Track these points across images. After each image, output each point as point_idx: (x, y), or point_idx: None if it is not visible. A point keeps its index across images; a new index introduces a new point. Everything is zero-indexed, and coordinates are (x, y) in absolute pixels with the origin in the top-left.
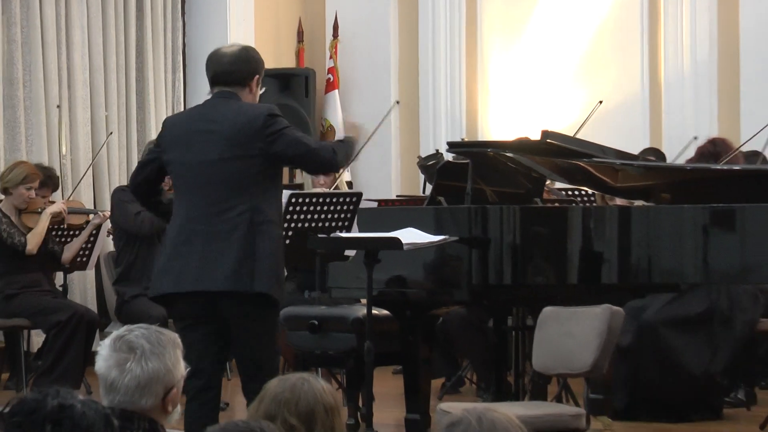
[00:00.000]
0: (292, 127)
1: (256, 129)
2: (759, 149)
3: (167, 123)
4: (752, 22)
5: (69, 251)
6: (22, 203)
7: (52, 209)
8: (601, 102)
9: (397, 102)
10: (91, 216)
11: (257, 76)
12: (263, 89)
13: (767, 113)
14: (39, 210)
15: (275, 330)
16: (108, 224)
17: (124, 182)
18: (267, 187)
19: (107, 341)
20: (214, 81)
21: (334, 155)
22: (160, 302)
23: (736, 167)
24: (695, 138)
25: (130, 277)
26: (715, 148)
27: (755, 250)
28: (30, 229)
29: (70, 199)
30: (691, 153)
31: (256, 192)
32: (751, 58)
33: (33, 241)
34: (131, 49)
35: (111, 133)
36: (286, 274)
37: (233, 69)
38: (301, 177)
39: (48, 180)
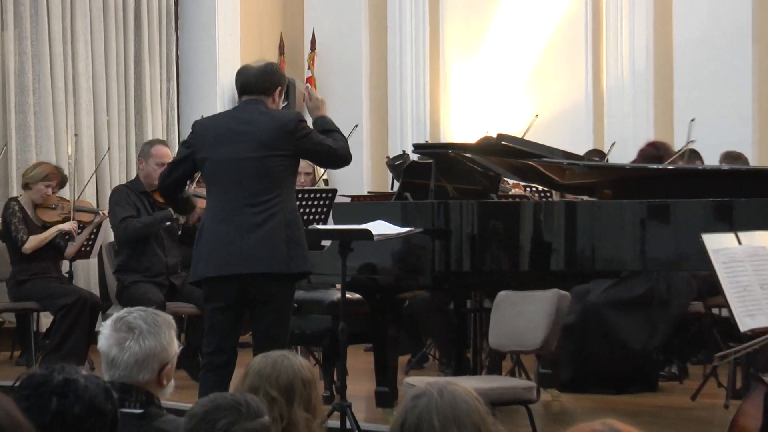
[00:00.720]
0: (315, 131)
1: (289, 131)
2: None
3: (198, 125)
4: (684, 36)
5: (72, 247)
6: (40, 198)
7: (64, 227)
8: (549, 108)
9: (356, 126)
10: (95, 216)
11: (279, 88)
12: (286, 102)
13: (699, 120)
14: (53, 206)
15: (291, 310)
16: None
17: (124, 179)
18: (291, 182)
19: (108, 322)
20: (243, 90)
21: (345, 148)
22: (199, 286)
23: (669, 167)
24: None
25: (129, 265)
26: (657, 151)
27: (687, 241)
28: (43, 222)
29: (78, 198)
30: (630, 154)
31: (285, 186)
32: (684, 69)
33: (31, 244)
34: (130, 60)
35: (108, 149)
36: None
37: (259, 81)
38: None
39: (62, 180)
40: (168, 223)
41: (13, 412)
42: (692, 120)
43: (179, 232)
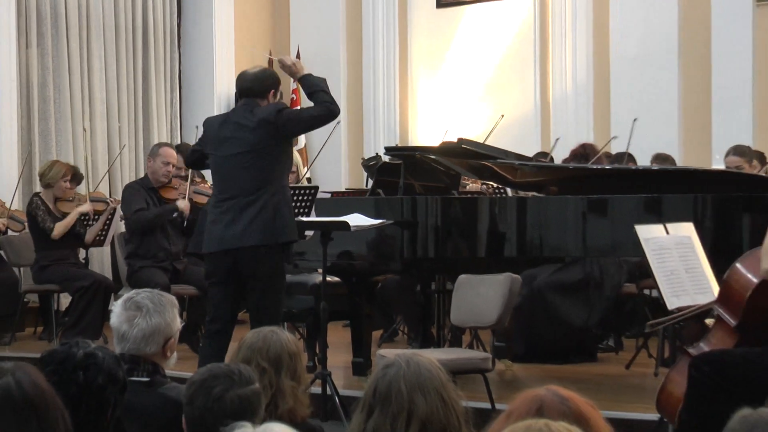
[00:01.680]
0: (294, 110)
1: (271, 123)
2: (628, 151)
3: (205, 125)
4: (619, 53)
5: (90, 234)
6: (61, 193)
7: (82, 209)
8: (503, 116)
9: (338, 122)
10: (108, 204)
11: (273, 90)
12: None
13: (631, 124)
14: (70, 198)
15: (284, 287)
16: (120, 212)
17: (134, 177)
18: (281, 170)
19: (119, 302)
20: (240, 94)
21: (327, 107)
22: (201, 258)
23: (607, 167)
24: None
25: (138, 252)
26: (584, 150)
27: (621, 231)
28: (63, 214)
29: (93, 191)
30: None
31: (275, 175)
32: (619, 81)
33: (59, 230)
34: (138, 73)
35: (124, 145)
36: None
37: (253, 85)
38: None
39: (74, 175)
40: (174, 215)
41: (38, 381)
42: (635, 120)
43: (184, 224)
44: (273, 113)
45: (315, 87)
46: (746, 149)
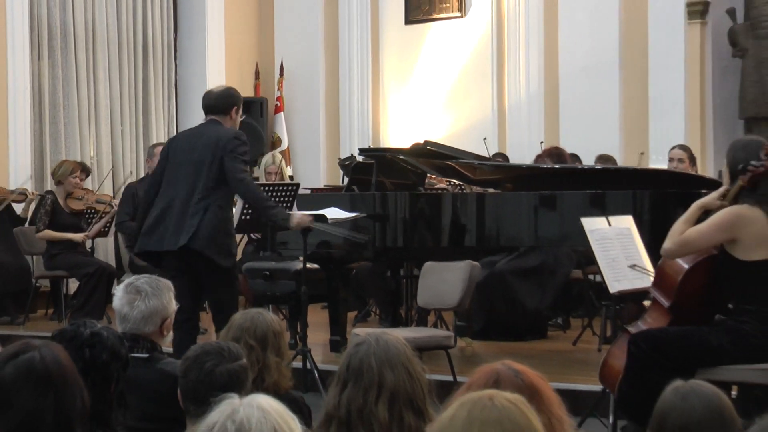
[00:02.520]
0: (243, 156)
1: (222, 146)
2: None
3: (169, 142)
4: (567, 65)
5: (92, 231)
6: (72, 188)
7: (77, 237)
8: (459, 126)
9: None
10: (110, 208)
11: (235, 107)
12: (243, 116)
13: (579, 130)
14: (79, 197)
15: (231, 278)
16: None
17: (135, 175)
18: (219, 184)
19: (121, 286)
20: (205, 111)
21: (248, 191)
22: (143, 257)
23: (556, 166)
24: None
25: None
26: (558, 151)
27: (570, 223)
28: (72, 210)
29: (97, 191)
30: (527, 157)
31: (211, 187)
32: (567, 91)
33: (45, 235)
34: (139, 83)
35: (122, 152)
36: (247, 240)
37: (217, 103)
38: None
39: (83, 170)
40: None
41: (60, 359)
42: (574, 125)
43: None
44: (228, 137)
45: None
46: (688, 147)
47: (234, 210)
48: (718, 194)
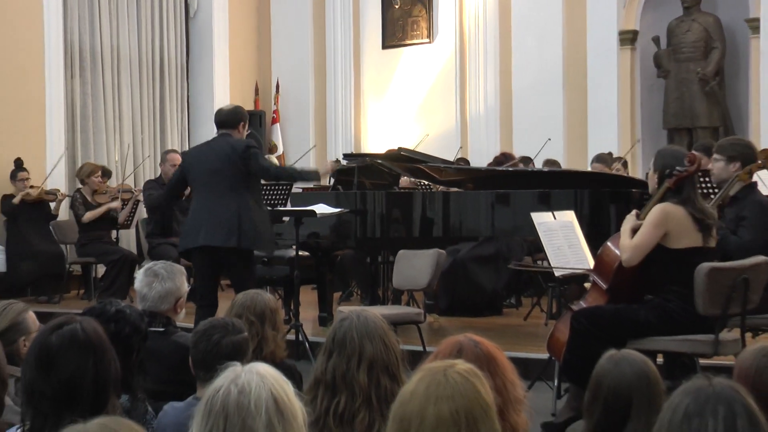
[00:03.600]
0: (260, 155)
1: (239, 154)
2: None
3: (184, 155)
4: (519, 83)
5: (121, 216)
6: (95, 186)
7: (111, 205)
8: (428, 135)
9: (314, 145)
10: (133, 194)
11: (243, 123)
12: (249, 131)
13: (529, 138)
14: (104, 192)
15: (253, 267)
16: (141, 198)
17: (151, 177)
18: (247, 185)
19: (141, 271)
20: (217, 126)
21: (278, 171)
22: (184, 255)
23: (509, 169)
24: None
25: (155, 233)
26: (505, 158)
27: (521, 218)
28: (98, 203)
29: (123, 183)
30: (485, 162)
31: (240, 188)
32: (519, 105)
33: (88, 216)
34: (157, 98)
35: (148, 156)
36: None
37: (228, 119)
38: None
39: (104, 172)
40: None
41: (98, 330)
42: (548, 139)
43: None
44: (242, 146)
45: (292, 174)
46: (606, 156)
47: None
48: (634, 215)
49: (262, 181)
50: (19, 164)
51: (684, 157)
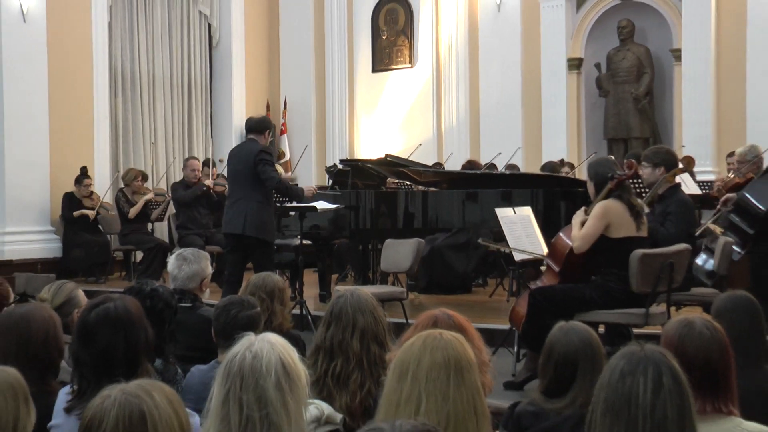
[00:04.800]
0: (269, 161)
1: (253, 158)
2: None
3: (230, 151)
4: (485, 101)
5: (154, 214)
6: (136, 188)
7: (147, 197)
8: (421, 144)
9: (306, 146)
10: (165, 197)
11: (267, 130)
12: (272, 138)
13: (493, 147)
14: (142, 193)
15: (270, 249)
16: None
17: (179, 178)
18: (258, 184)
19: (173, 256)
20: (247, 131)
21: (277, 185)
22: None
23: (477, 172)
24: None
25: (183, 225)
26: (470, 165)
27: (487, 212)
28: (137, 201)
29: (156, 187)
30: (458, 166)
31: (255, 187)
32: (486, 119)
33: (132, 212)
34: (185, 113)
35: (175, 158)
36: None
37: (256, 126)
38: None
39: (143, 176)
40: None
41: (130, 307)
42: (518, 148)
43: (215, 198)
44: (256, 151)
45: (290, 188)
46: (555, 164)
47: None
48: (583, 210)
49: None
50: (84, 171)
51: (614, 164)
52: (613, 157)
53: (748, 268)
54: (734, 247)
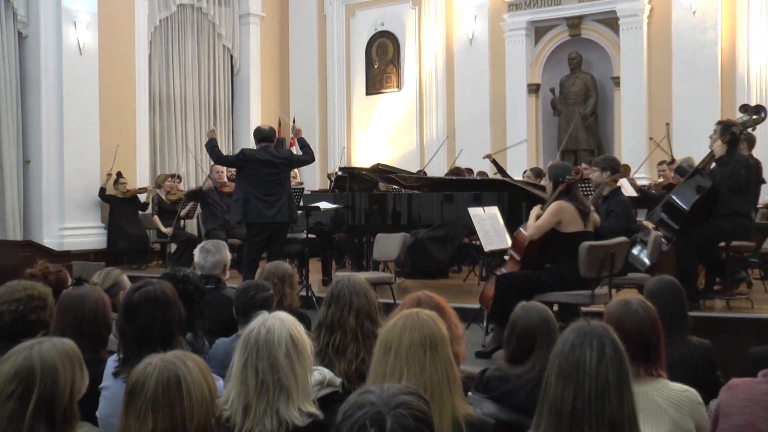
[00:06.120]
0: (298, 156)
1: (291, 158)
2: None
3: (246, 151)
4: (462, 115)
5: (183, 212)
6: (169, 189)
7: (181, 214)
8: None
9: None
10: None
11: (275, 137)
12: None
13: (467, 157)
14: (174, 192)
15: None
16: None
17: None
18: (290, 180)
19: (197, 249)
20: (260, 140)
21: (311, 156)
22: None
23: (453, 177)
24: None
25: (208, 222)
26: (458, 171)
27: (462, 211)
28: (171, 200)
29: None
30: (439, 172)
31: (287, 182)
32: (461, 132)
33: (182, 214)
34: (211, 125)
35: (201, 166)
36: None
37: (269, 134)
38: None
39: (180, 177)
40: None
41: (165, 290)
42: (492, 156)
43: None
44: (292, 154)
45: (305, 142)
46: (539, 171)
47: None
48: (539, 207)
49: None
50: (119, 175)
51: (569, 169)
52: (568, 164)
53: (674, 257)
54: (663, 240)
